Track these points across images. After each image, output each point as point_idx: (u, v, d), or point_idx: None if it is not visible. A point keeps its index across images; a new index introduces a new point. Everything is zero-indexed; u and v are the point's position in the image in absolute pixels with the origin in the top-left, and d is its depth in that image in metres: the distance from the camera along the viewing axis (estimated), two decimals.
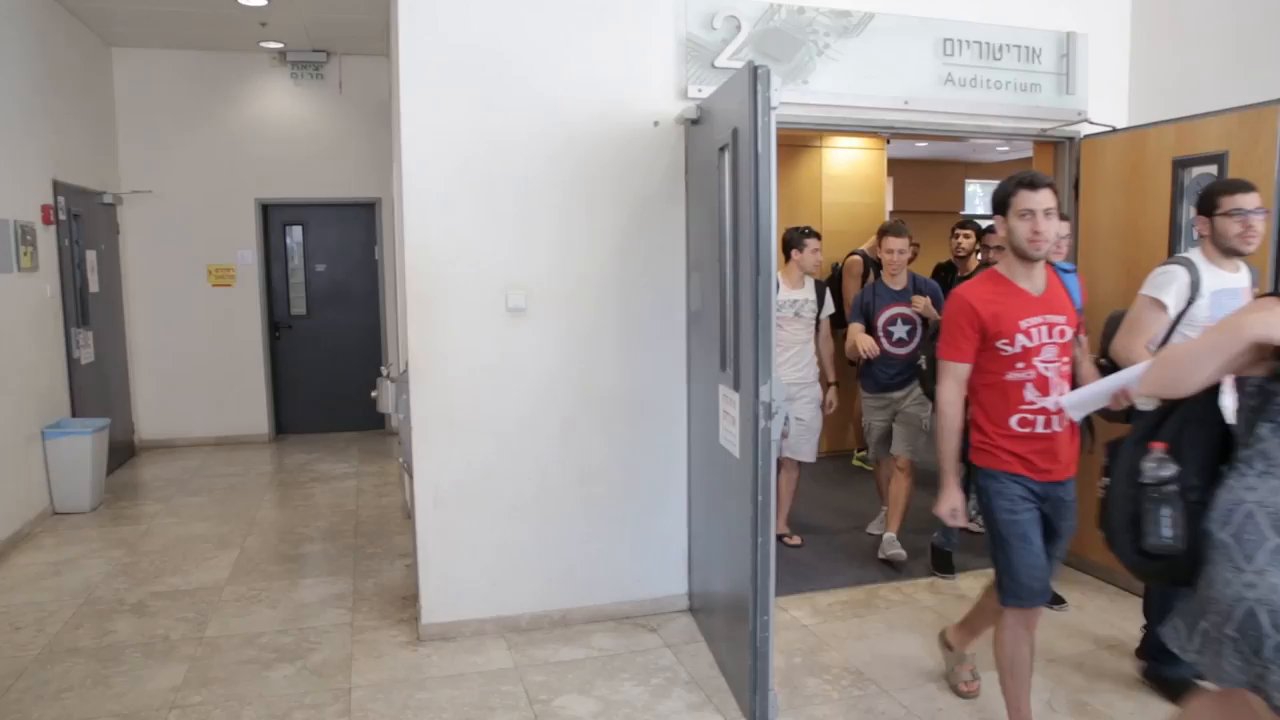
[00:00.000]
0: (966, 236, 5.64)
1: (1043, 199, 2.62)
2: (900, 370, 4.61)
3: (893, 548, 4.52)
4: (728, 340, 3.23)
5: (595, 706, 3.21)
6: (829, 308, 4.92)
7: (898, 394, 4.62)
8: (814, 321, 4.83)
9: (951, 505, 2.81)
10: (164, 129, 7.47)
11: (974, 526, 4.46)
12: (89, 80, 6.87)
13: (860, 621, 3.89)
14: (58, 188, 6.01)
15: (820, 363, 4.91)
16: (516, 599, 3.81)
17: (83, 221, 6.48)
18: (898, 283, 4.65)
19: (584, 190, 3.73)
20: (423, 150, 3.57)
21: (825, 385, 4.93)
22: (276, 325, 8.03)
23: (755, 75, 2.81)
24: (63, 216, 6.08)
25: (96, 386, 6.58)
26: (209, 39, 7.18)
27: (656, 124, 3.76)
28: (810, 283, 4.84)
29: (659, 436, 3.90)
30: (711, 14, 3.77)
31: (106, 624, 3.96)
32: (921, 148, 9.70)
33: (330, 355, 8.14)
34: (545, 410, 3.76)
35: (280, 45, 7.44)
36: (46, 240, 5.81)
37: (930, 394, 4.12)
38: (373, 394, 4.29)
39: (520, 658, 3.58)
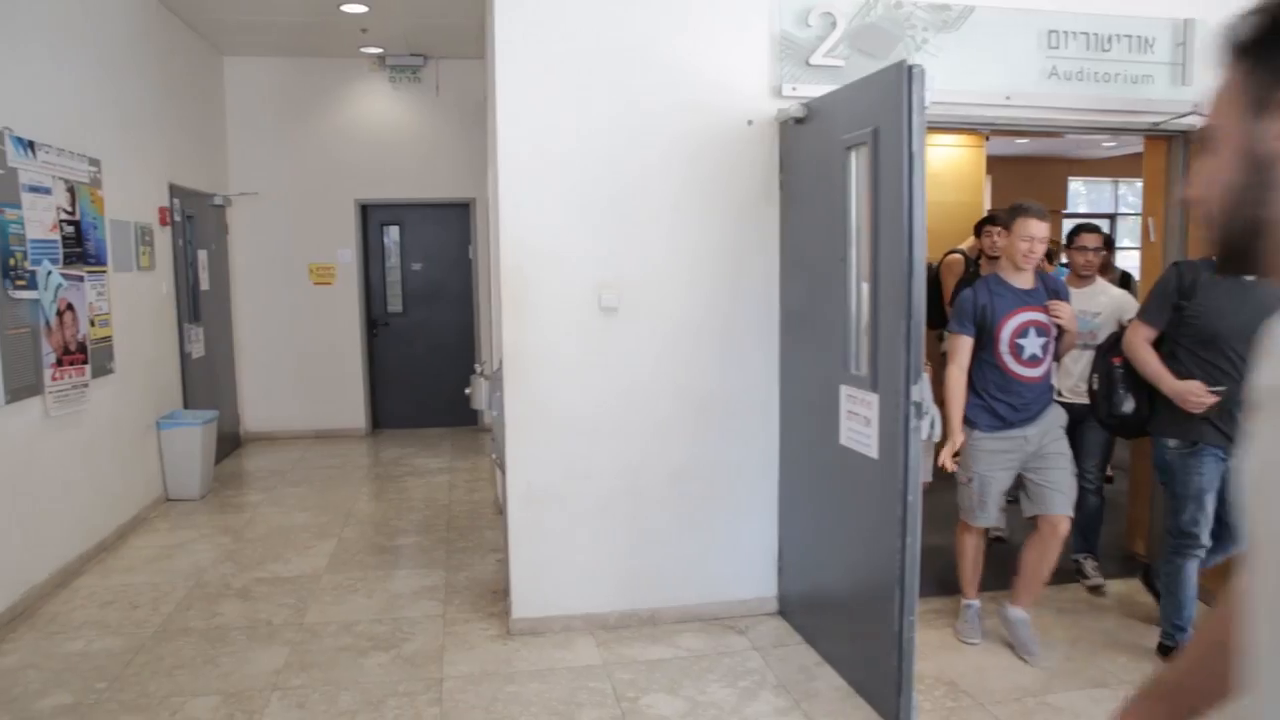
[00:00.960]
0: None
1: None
2: (1036, 397, 3.55)
3: (1026, 631, 3.57)
4: (857, 341, 3.21)
5: (682, 707, 3.21)
6: None
7: (1031, 431, 3.53)
8: None
9: None
10: (270, 133, 7.77)
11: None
12: (203, 88, 7.19)
13: (952, 631, 3.79)
14: (173, 190, 6.31)
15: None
16: (605, 596, 3.83)
17: (195, 222, 6.79)
18: (1025, 281, 3.56)
19: (676, 190, 3.73)
20: (518, 150, 3.62)
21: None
22: (374, 322, 8.26)
23: (909, 74, 2.80)
24: (177, 218, 6.38)
25: (206, 380, 6.88)
26: (313, 46, 7.44)
27: (751, 123, 3.73)
28: None
29: (749, 437, 3.88)
30: (806, 11, 3.72)
31: (214, 606, 4.13)
32: (1022, 144, 9.41)
33: (425, 352, 8.34)
34: (636, 409, 3.78)
35: (380, 50, 7.65)
36: (163, 240, 6.11)
37: (1110, 424, 3.72)
38: (466, 391, 4.36)
39: (608, 655, 3.60)
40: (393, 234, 8.32)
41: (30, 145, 4.27)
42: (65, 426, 4.58)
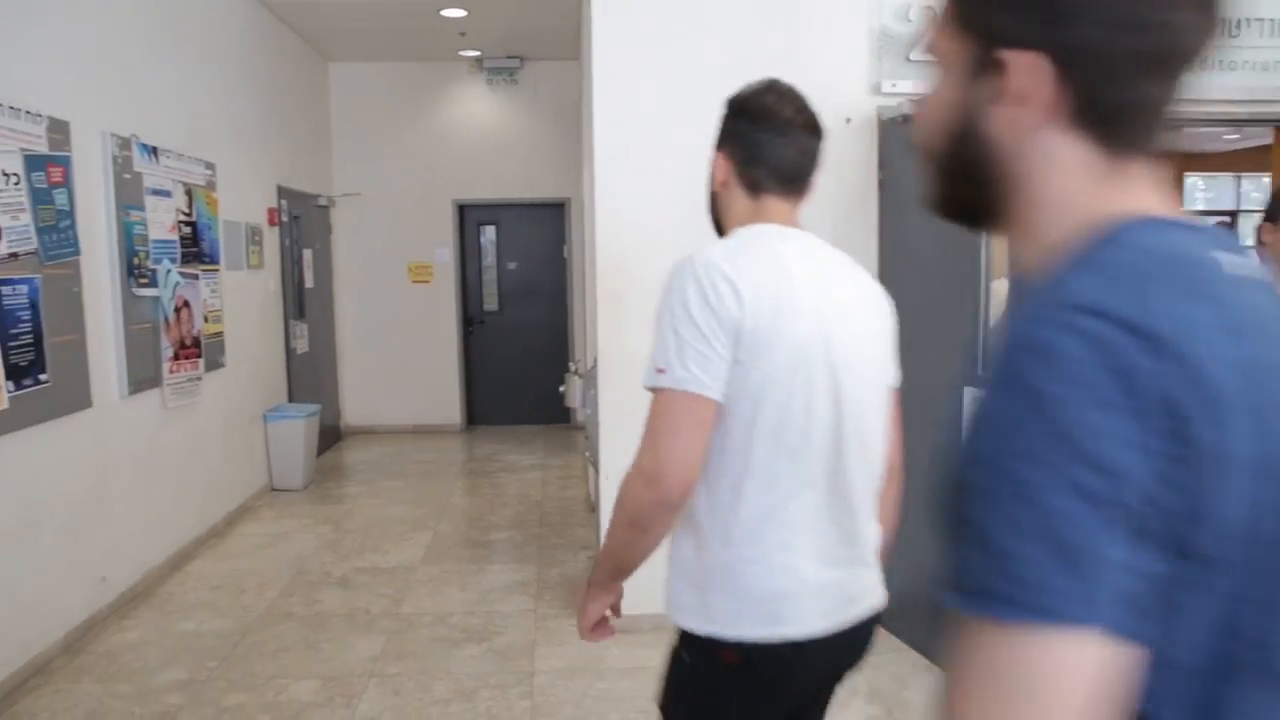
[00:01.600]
0: None
1: None
2: None
3: None
4: (974, 339, 3.19)
5: None
6: None
7: None
8: None
9: None
10: (371, 135, 8.00)
11: None
12: (309, 92, 7.45)
13: None
14: (281, 192, 6.55)
15: None
16: None
17: (301, 223, 7.05)
18: None
19: None
20: (614, 150, 3.64)
21: None
22: (470, 320, 8.42)
23: None
24: (285, 218, 6.62)
25: (309, 375, 7.13)
26: (413, 51, 7.63)
27: (849, 121, 3.67)
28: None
29: None
30: (907, 5, 3.64)
31: (315, 594, 4.28)
32: None
33: (520, 350, 8.46)
34: None
35: (477, 53, 7.80)
36: (271, 240, 6.35)
37: None
38: (560, 389, 4.42)
39: None
40: (489, 233, 8.47)
41: (153, 151, 4.49)
42: (181, 418, 4.80)
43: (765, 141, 1.60)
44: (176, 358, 4.70)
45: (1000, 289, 3.10)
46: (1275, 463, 0.58)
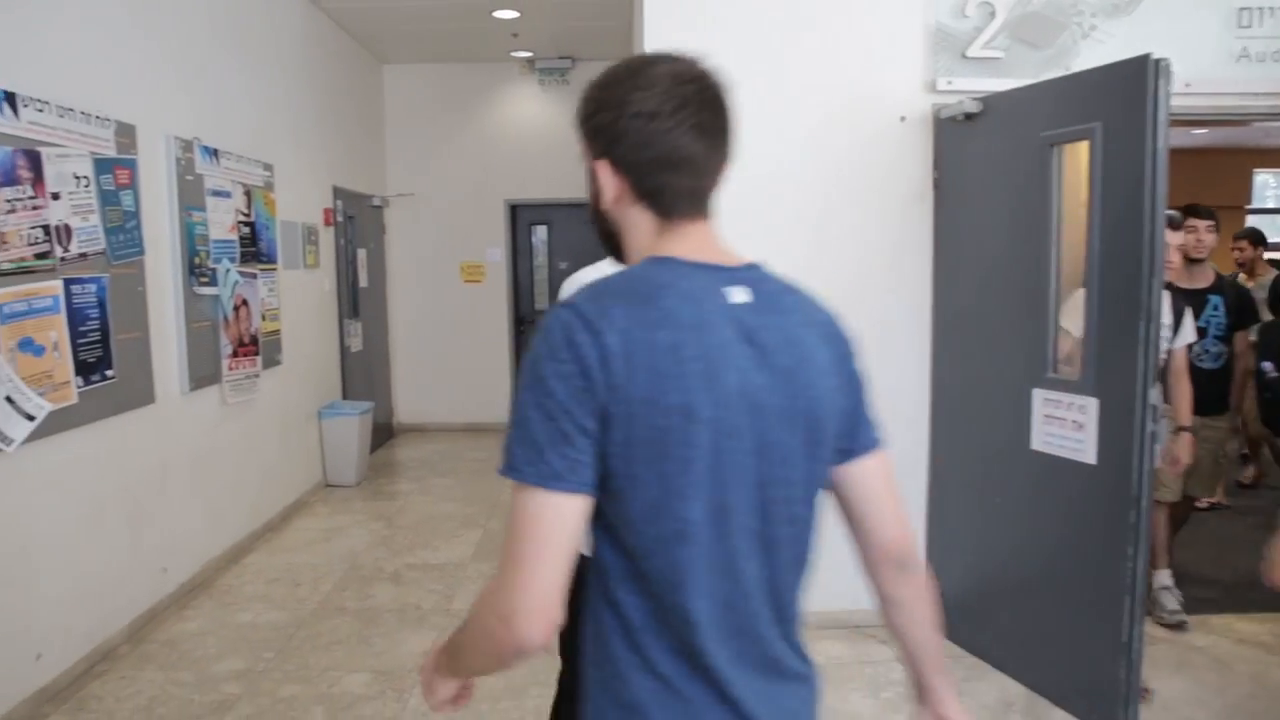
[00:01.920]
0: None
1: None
2: None
3: None
4: (1057, 343, 3.13)
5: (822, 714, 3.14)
6: (1187, 334, 3.72)
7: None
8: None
9: None
10: (425, 136, 8.09)
11: None
12: (364, 94, 7.57)
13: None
14: (337, 193, 6.66)
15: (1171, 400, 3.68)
16: None
17: (355, 223, 7.16)
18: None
19: (823, 188, 3.67)
20: None
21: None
22: (521, 320, 8.48)
23: (1156, 69, 2.69)
24: (340, 218, 6.73)
25: (363, 373, 7.24)
26: (465, 52, 7.70)
27: (904, 119, 3.62)
28: (1165, 298, 3.68)
29: (896, 441, 3.71)
30: (963, 1, 3.58)
31: (368, 588, 4.34)
32: (1198, 135, 8.77)
33: None
34: None
35: (529, 54, 7.85)
36: (326, 240, 6.46)
37: None
38: None
39: None
40: (540, 233, 8.52)
41: (214, 153, 4.60)
42: (239, 414, 4.91)
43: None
44: (235, 355, 4.80)
45: (1080, 297, 3.04)
46: (644, 390, 1.00)
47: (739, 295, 1.10)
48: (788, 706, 1.18)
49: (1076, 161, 3.14)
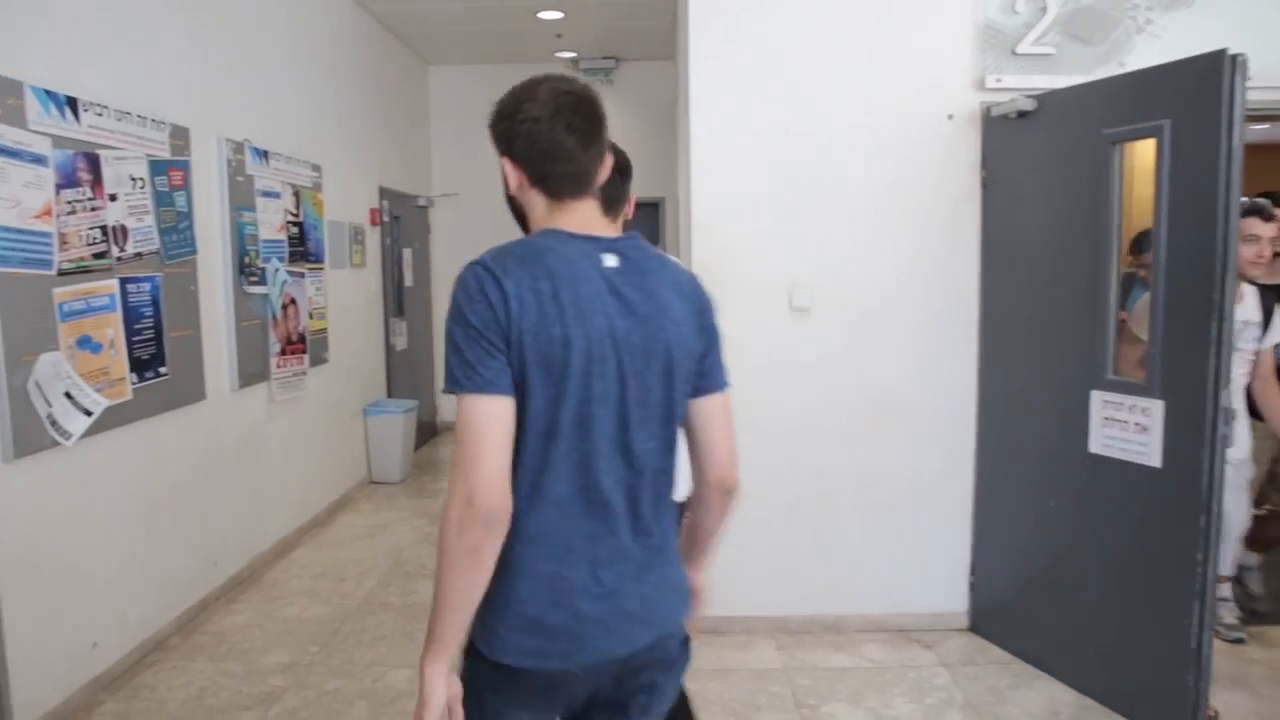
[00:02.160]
0: None
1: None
2: None
3: None
4: (1116, 344, 3.08)
5: (864, 719, 3.12)
6: (1278, 333, 3.55)
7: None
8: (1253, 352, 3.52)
9: None
10: (469, 137, 8.15)
11: None
12: (410, 95, 7.65)
13: None
14: (383, 193, 6.74)
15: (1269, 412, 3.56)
16: (788, 600, 3.78)
17: (401, 223, 7.23)
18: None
19: (869, 188, 3.63)
20: (710, 150, 3.63)
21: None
22: None
23: (1233, 64, 2.65)
24: (386, 219, 6.81)
25: (407, 371, 7.32)
26: (510, 53, 7.75)
27: (951, 117, 3.57)
28: (1252, 295, 3.52)
29: (942, 443, 3.72)
30: None
31: (411, 584, 4.38)
32: (1261, 130, 8.50)
33: None
34: (825, 412, 3.70)
35: (573, 54, 7.88)
36: (372, 240, 6.54)
37: None
38: None
39: (789, 660, 3.55)
40: None
41: (264, 154, 4.68)
42: (286, 411, 4.98)
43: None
44: (283, 353, 4.88)
45: (1146, 301, 2.98)
46: (532, 324, 1.35)
47: (610, 260, 1.45)
48: (654, 569, 1.51)
49: (1133, 159, 3.08)
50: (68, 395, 3.13)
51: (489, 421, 1.35)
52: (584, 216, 1.49)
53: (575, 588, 1.42)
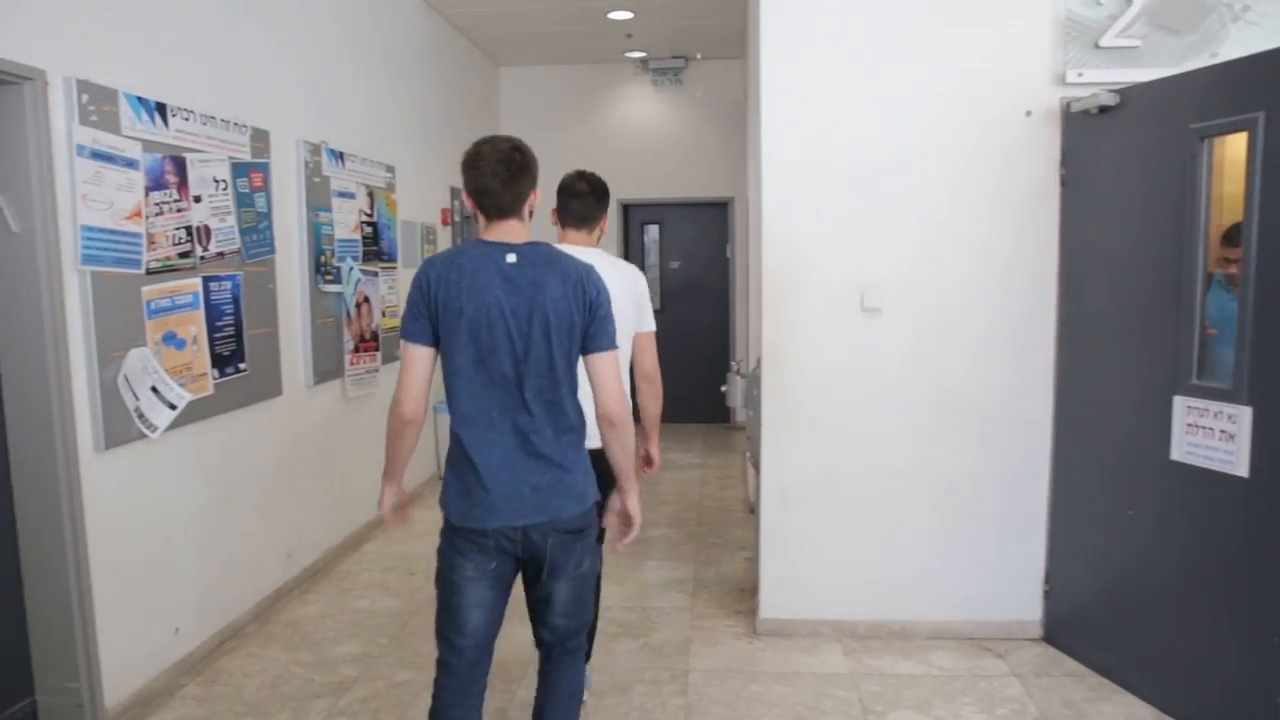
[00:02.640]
0: None
1: None
2: None
3: None
4: (1188, 347, 2.98)
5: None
6: None
7: None
8: None
9: None
10: (539, 137, 8.10)
11: None
12: (481, 96, 7.75)
13: None
14: (454, 193, 6.84)
15: None
16: (855, 604, 3.73)
17: (471, 222, 7.30)
18: None
19: (943, 187, 3.56)
20: (781, 149, 3.60)
21: None
22: None
23: None
24: (456, 218, 6.91)
25: None
26: (580, 54, 7.80)
27: (1029, 114, 3.47)
28: None
29: (1015, 447, 3.62)
30: None
31: None
32: None
33: (681, 349, 8.47)
34: (895, 414, 3.64)
35: (643, 54, 7.89)
36: (443, 239, 6.65)
37: None
38: (722, 389, 4.41)
39: (855, 665, 3.50)
40: (652, 233, 8.56)
41: (340, 156, 4.79)
42: (359, 407, 5.09)
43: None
44: (356, 350, 4.99)
45: None
46: (443, 299, 2.15)
47: (510, 257, 2.19)
48: (548, 472, 2.22)
49: (1223, 154, 2.96)
50: (154, 389, 3.25)
51: (411, 358, 2.21)
52: (504, 230, 2.24)
53: (480, 479, 2.18)
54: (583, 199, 3.13)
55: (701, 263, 8.50)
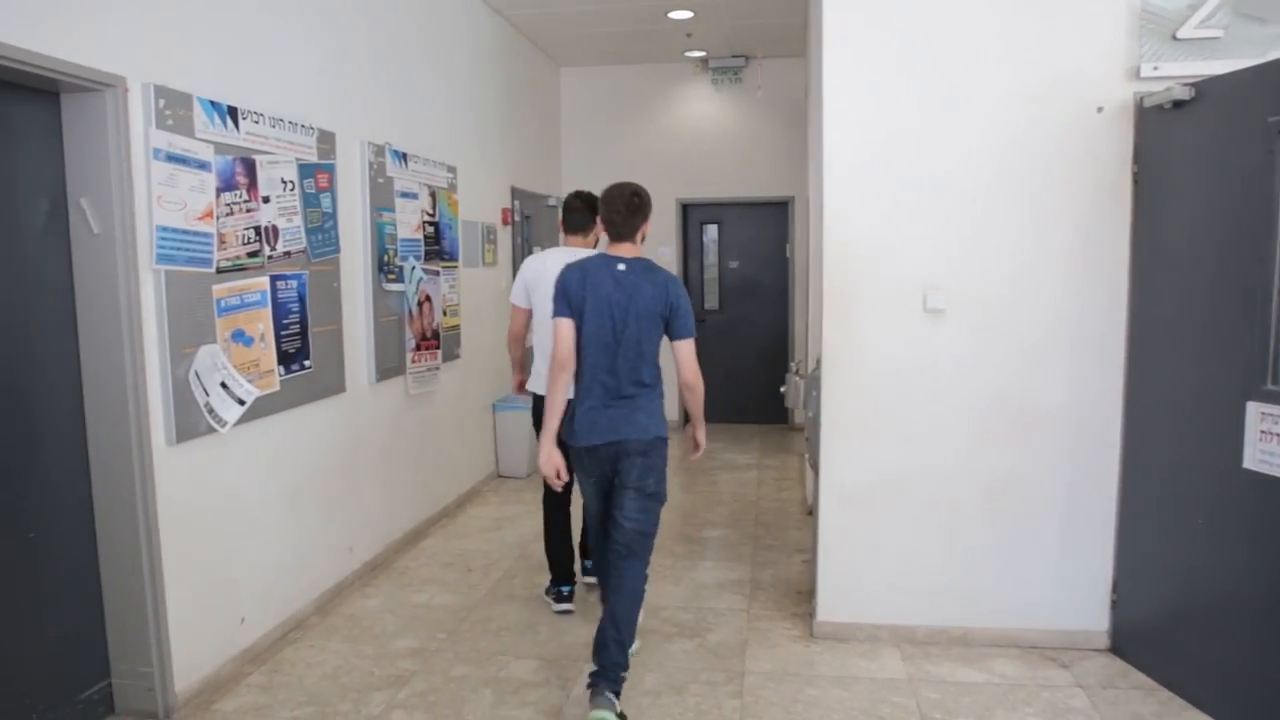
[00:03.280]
0: None
1: None
2: None
3: None
4: (1263, 351, 2.87)
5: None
6: None
7: None
8: None
9: None
10: (599, 137, 8.26)
11: None
12: (541, 97, 7.80)
13: None
14: (514, 193, 6.90)
15: None
16: (914, 609, 3.67)
17: (531, 222, 7.39)
18: None
19: (1009, 186, 3.48)
20: (844, 149, 3.55)
21: None
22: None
23: None
24: (517, 218, 6.97)
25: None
26: (640, 54, 7.81)
27: (1101, 110, 3.38)
28: None
29: (1082, 453, 3.52)
30: None
31: (535, 577, 4.47)
32: None
33: (740, 349, 8.46)
34: (957, 417, 3.57)
35: (703, 53, 7.87)
36: (504, 239, 6.71)
37: None
38: (781, 389, 4.38)
39: (914, 670, 3.44)
40: (711, 232, 8.53)
41: (403, 157, 4.86)
42: (420, 404, 5.17)
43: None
44: (418, 348, 5.06)
45: None
46: (577, 292, 3.14)
47: (620, 267, 3.13)
48: (623, 410, 3.15)
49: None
50: (223, 385, 3.34)
51: (564, 332, 3.13)
52: (621, 248, 3.19)
53: (590, 413, 3.15)
54: (579, 213, 4.07)
55: (760, 262, 8.45)
